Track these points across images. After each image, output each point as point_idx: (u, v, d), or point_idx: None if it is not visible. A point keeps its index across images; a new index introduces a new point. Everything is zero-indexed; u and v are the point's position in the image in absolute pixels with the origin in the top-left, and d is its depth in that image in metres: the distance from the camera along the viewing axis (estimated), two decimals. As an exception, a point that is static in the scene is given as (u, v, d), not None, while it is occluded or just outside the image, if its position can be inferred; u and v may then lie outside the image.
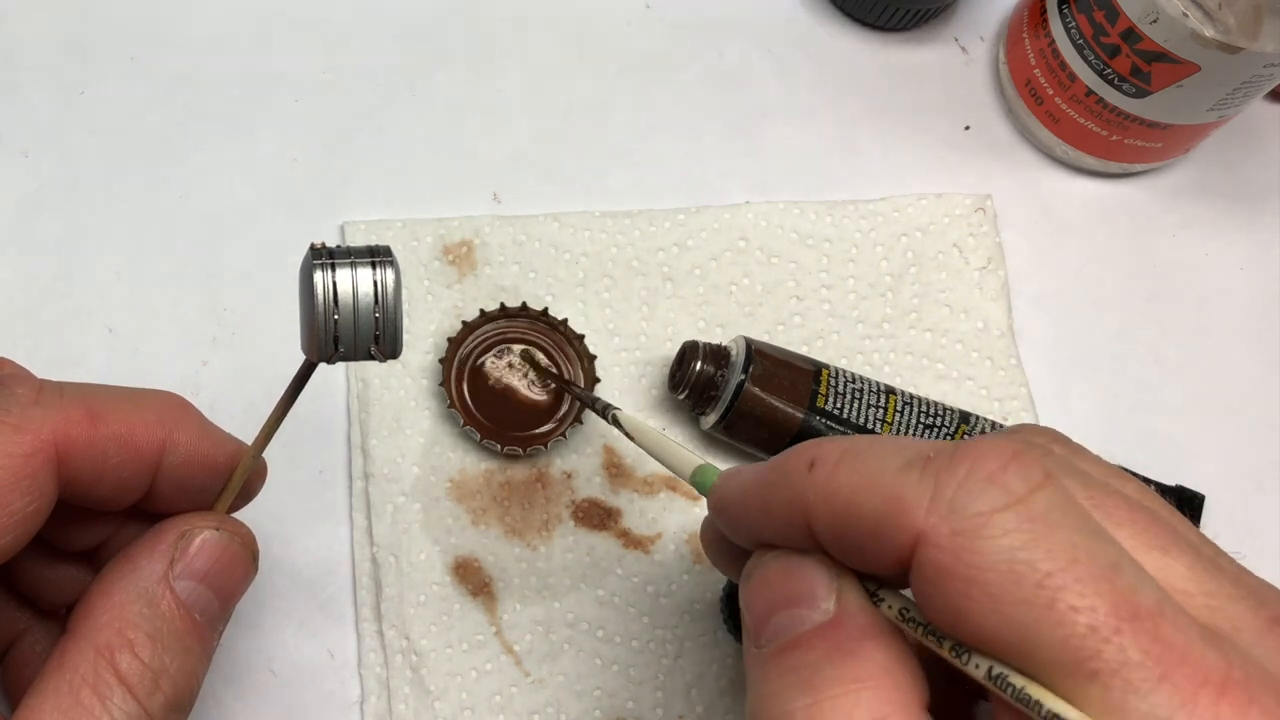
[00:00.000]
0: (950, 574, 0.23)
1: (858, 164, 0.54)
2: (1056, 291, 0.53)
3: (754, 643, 0.27)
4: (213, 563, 0.31)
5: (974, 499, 0.23)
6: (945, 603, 0.23)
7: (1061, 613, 0.21)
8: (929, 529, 0.23)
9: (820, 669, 0.25)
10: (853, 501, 0.25)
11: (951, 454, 0.24)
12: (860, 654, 0.25)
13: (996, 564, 0.22)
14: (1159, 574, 0.23)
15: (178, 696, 0.30)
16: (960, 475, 0.23)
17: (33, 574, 0.35)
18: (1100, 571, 0.22)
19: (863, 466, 0.25)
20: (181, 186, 0.50)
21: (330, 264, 0.27)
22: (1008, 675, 0.22)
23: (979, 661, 0.23)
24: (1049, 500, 0.23)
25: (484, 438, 0.46)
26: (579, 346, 0.48)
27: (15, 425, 0.29)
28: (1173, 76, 0.47)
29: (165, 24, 0.53)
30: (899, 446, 0.25)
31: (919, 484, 0.23)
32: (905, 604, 0.26)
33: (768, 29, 0.56)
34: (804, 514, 0.26)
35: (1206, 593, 0.24)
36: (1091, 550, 0.22)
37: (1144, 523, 0.25)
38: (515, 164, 0.52)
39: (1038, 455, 0.24)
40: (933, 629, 0.24)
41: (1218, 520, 0.48)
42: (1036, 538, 0.22)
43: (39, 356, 0.47)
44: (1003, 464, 0.23)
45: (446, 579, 0.45)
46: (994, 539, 0.22)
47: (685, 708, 0.44)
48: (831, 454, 0.26)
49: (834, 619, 0.26)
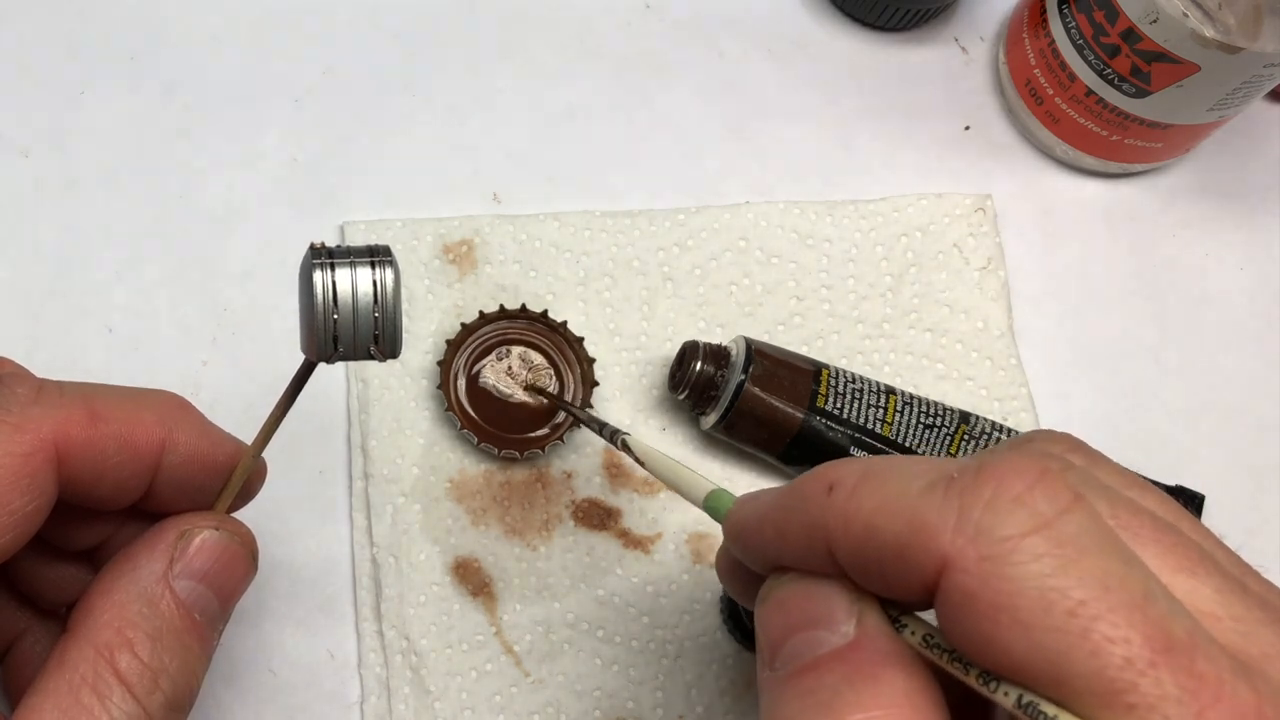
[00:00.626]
0: (978, 599, 0.22)
1: (858, 164, 0.54)
2: (1056, 291, 0.53)
3: (769, 665, 0.27)
4: (212, 562, 0.31)
5: (1001, 522, 0.22)
6: (973, 629, 0.22)
7: (1096, 643, 0.21)
8: (955, 553, 0.22)
9: (839, 692, 0.24)
10: (874, 525, 0.24)
11: (976, 473, 0.23)
12: (881, 679, 0.24)
13: (1027, 590, 0.22)
14: (1186, 598, 0.23)
15: (177, 696, 0.30)
16: (986, 497, 0.23)
17: (33, 573, 0.35)
18: (1132, 600, 0.21)
19: (883, 489, 0.24)
20: (181, 186, 0.50)
21: (329, 264, 0.27)
22: (1039, 704, 0.22)
23: (1008, 690, 0.23)
24: (1079, 524, 0.22)
25: (481, 441, 0.46)
26: (578, 349, 0.48)
27: (15, 424, 0.29)
28: (1173, 76, 0.47)
29: (165, 24, 0.53)
30: (920, 468, 0.25)
31: (943, 506, 0.23)
32: (929, 630, 0.25)
33: (768, 29, 0.56)
34: (823, 539, 0.26)
35: (1234, 617, 0.23)
36: (1124, 578, 0.22)
37: (1169, 543, 0.24)
38: (515, 164, 0.52)
39: (1063, 474, 0.23)
40: (958, 655, 0.24)
41: (1218, 520, 0.48)
42: (1067, 563, 0.22)
43: (39, 356, 0.47)
44: (1029, 484, 0.23)
45: (446, 579, 0.45)
46: (1023, 564, 0.22)
47: (685, 708, 0.44)
48: (850, 476, 0.25)
49: (854, 642, 0.25)
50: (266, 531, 0.43)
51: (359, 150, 0.52)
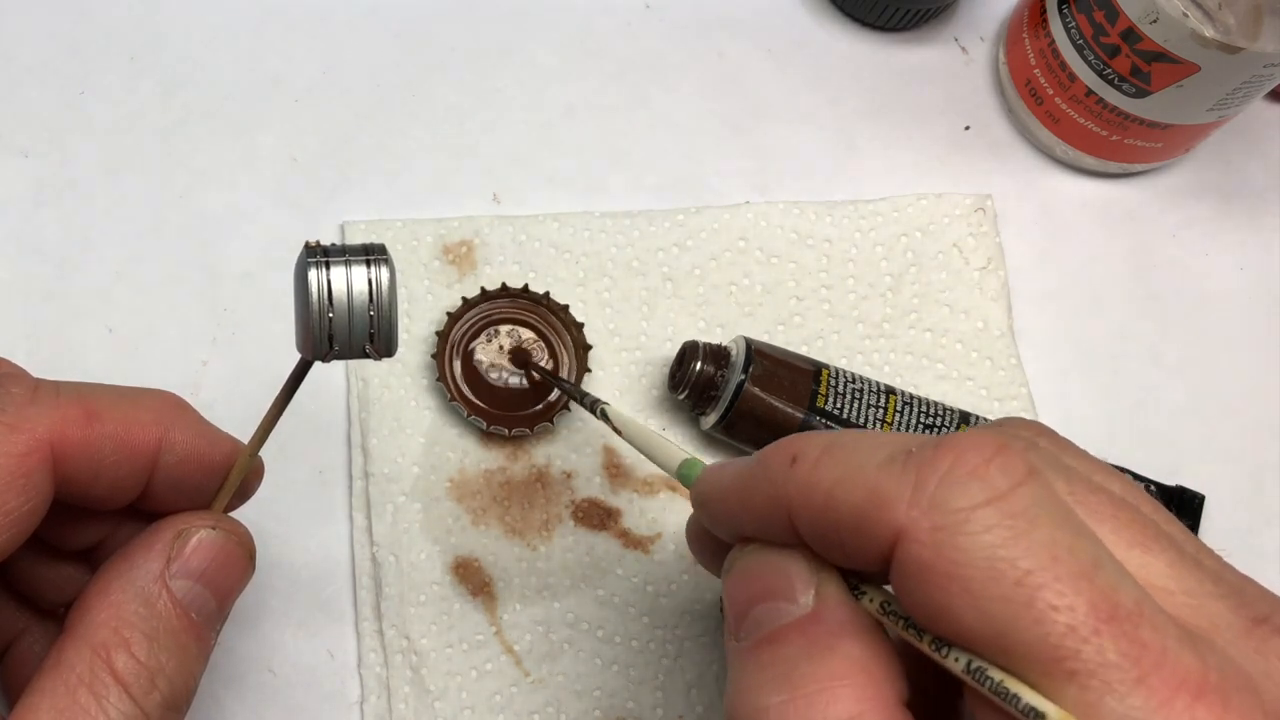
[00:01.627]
0: (930, 569, 0.23)
1: (858, 164, 0.54)
2: (1056, 291, 0.53)
3: (733, 635, 0.27)
4: (209, 562, 0.31)
5: (955, 494, 0.23)
6: (925, 598, 0.23)
7: (1040, 611, 0.21)
8: (910, 524, 0.23)
9: (797, 664, 0.25)
10: (834, 496, 0.25)
11: (935, 448, 0.24)
12: (838, 650, 0.25)
13: (976, 560, 0.22)
14: (1139, 572, 0.24)
15: (174, 696, 0.30)
16: (942, 469, 0.23)
17: (30, 573, 0.35)
18: (1080, 570, 0.22)
19: (844, 461, 0.25)
20: (181, 186, 0.50)
21: (325, 262, 0.27)
22: (986, 669, 0.23)
23: (958, 655, 0.23)
24: (1031, 496, 0.23)
25: (490, 425, 0.46)
26: (564, 316, 0.48)
27: (11, 424, 0.29)
28: (1173, 76, 0.47)
29: (165, 24, 0.53)
30: (881, 441, 0.25)
31: (900, 478, 0.23)
32: (887, 598, 0.26)
33: (768, 29, 0.56)
34: (786, 509, 0.26)
35: (1187, 591, 0.24)
36: (1072, 548, 0.22)
37: (1125, 519, 0.25)
38: (515, 164, 0.52)
39: (1021, 450, 0.23)
40: (913, 623, 0.24)
41: (1218, 520, 0.48)
42: (1017, 534, 0.22)
43: (38, 356, 0.47)
44: (986, 458, 0.23)
45: (446, 579, 0.45)
46: (975, 535, 0.22)
47: (685, 708, 0.44)
48: (813, 448, 0.26)
49: (812, 613, 0.26)
50: (266, 531, 0.43)
51: (359, 150, 0.52)
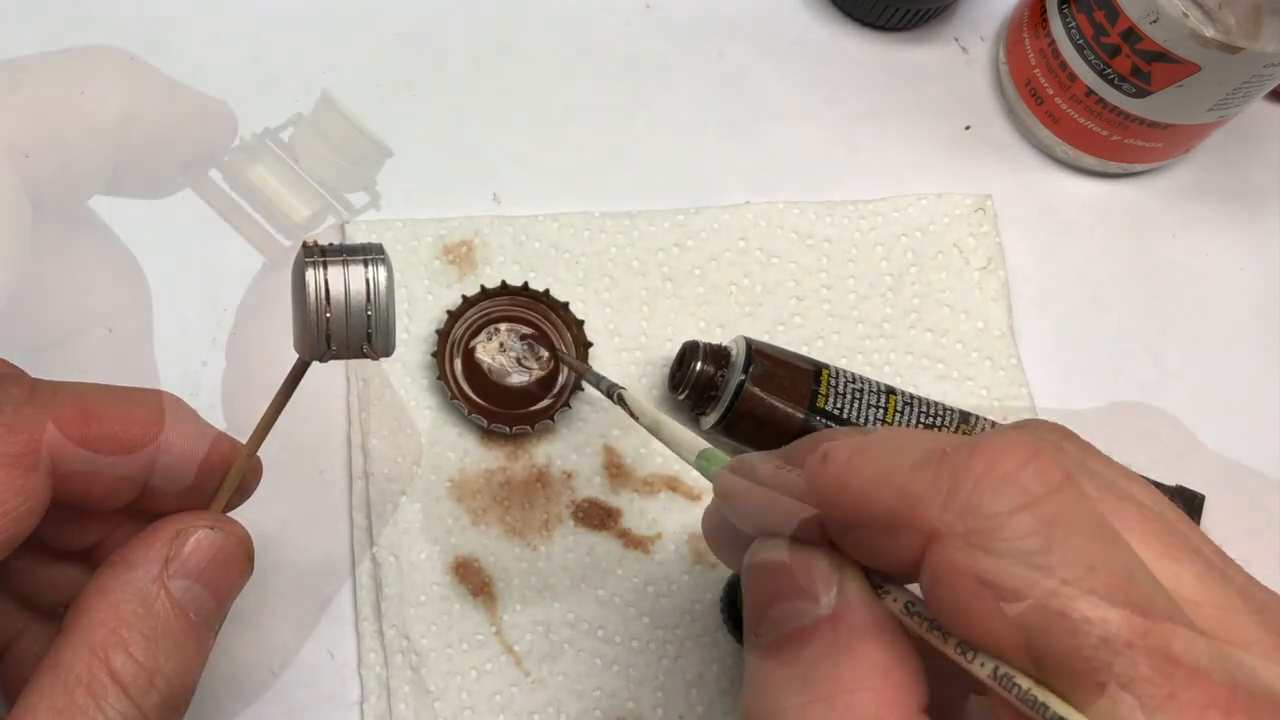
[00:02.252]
0: (963, 574, 0.22)
1: (858, 164, 0.54)
2: (1056, 291, 0.53)
3: (753, 632, 0.27)
4: (208, 562, 0.31)
5: (990, 498, 0.22)
6: (955, 602, 0.23)
7: (1074, 623, 0.21)
8: (943, 527, 0.23)
9: (816, 666, 0.25)
10: (866, 497, 0.24)
11: (970, 450, 0.23)
12: (858, 653, 0.25)
13: (1010, 567, 0.22)
14: (1169, 583, 0.23)
15: (173, 696, 0.30)
16: (977, 472, 0.23)
17: (29, 574, 0.35)
18: (1115, 582, 0.21)
19: (876, 461, 0.25)
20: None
21: (322, 262, 0.27)
22: (1014, 676, 0.22)
23: (985, 660, 0.23)
24: (1067, 503, 0.22)
25: (491, 423, 0.46)
26: (564, 314, 0.48)
27: (8, 425, 0.29)
28: (1173, 76, 0.47)
29: (165, 25, 0.53)
30: (914, 440, 0.25)
31: (934, 481, 0.23)
32: (911, 599, 0.25)
33: (768, 29, 0.56)
34: (814, 507, 0.26)
35: (1215, 604, 0.23)
36: (1108, 560, 0.22)
37: (1154, 529, 0.24)
38: (515, 164, 0.52)
39: (1056, 454, 0.23)
40: (938, 625, 0.24)
41: (1218, 520, 0.48)
42: (1053, 542, 0.22)
43: (38, 357, 0.47)
44: (1021, 462, 0.23)
45: (446, 579, 0.45)
46: (1009, 541, 0.22)
47: (685, 708, 0.44)
48: (845, 447, 0.25)
49: (834, 614, 0.25)
50: (266, 531, 0.43)
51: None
